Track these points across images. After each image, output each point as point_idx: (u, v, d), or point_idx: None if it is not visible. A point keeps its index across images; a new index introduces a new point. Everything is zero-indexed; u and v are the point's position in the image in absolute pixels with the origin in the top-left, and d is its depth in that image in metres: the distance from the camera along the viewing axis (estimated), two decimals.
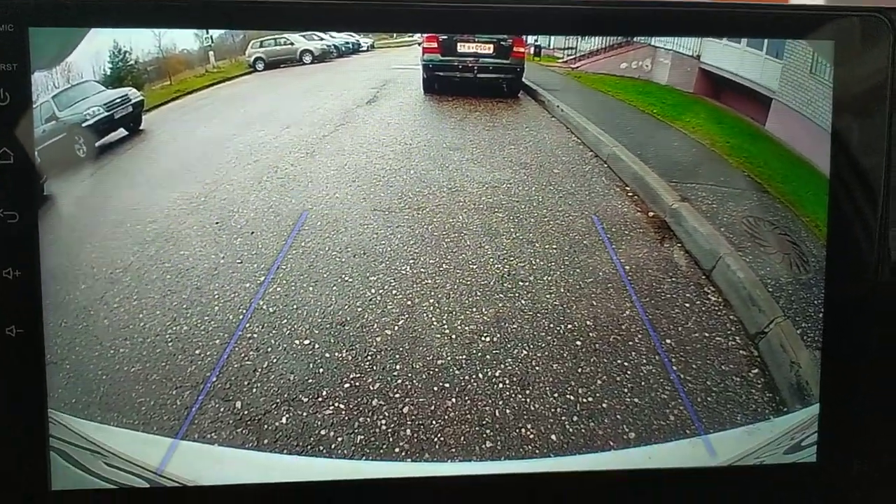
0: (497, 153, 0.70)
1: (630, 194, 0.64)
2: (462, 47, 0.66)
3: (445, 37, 0.63)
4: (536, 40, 0.63)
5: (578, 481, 0.47)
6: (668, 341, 0.53)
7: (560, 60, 0.64)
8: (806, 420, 0.47)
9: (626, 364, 0.54)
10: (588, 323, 0.57)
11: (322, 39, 0.64)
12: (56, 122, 0.44)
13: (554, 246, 0.64)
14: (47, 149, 0.43)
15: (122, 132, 0.52)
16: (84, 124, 0.47)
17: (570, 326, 0.57)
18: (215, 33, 0.51)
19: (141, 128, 0.53)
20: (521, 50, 0.65)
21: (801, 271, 0.49)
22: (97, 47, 0.43)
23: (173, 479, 0.43)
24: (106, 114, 0.49)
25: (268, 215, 0.64)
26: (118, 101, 0.50)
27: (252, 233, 0.63)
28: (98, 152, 0.49)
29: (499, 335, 0.58)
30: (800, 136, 0.49)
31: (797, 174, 0.49)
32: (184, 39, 0.48)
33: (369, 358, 0.56)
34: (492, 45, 0.65)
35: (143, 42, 0.45)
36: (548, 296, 0.59)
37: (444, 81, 0.69)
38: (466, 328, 0.58)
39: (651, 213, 0.60)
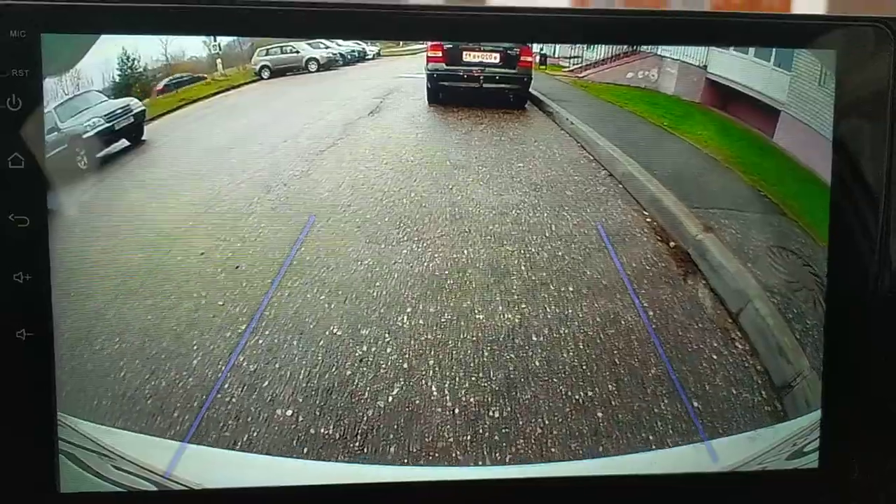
0: (505, 171, 0.66)
1: (648, 220, 0.61)
2: (468, 56, 0.65)
3: (450, 45, 0.63)
4: (542, 49, 0.62)
5: (580, 487, 0.48)
6: (695, 404, 0.51)
7: (566, 69, 0.63)
8: (807, 426, 0.49)
9: (651, 438, 0.51)
10: (610, 387, 0.53)
11: (328, 47, 0.64)
12: (58, 133, 0.45)
13: (570, 288, 0.60)
14: (49, 160, 0.44)
15: (124, 143, 0.53)
16: (85, 136, 0.48)
17: (590, 393, 0.53)
18: (223, 41, 0.52)
19: (143, 138, 0.54)
20: (529, 59, 0.63)
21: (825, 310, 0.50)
22: (107, 54, 0.45)
23: (181, 483, 0.45)
24: (106, 125, 0.50)
25: (254, 246, 0.58)
26: (119, 111, 0.50)
27: (237, 267, 0.58)
28: (100, 164, 0.50)
29: (509, 408, 0.53)
30: (809, 151, 0.50)
31: (810, 192, 0.50)
32: (192, 47, 0.50)
33: (359, 437, 0.51)
34: (498, 55, 0.64)
35: (151, 49, 0.47)
36: (565, 354, 0.55)
37: (449, 91, 0.67)
38: (472, 399, 0.53)
39: (672, 244, 0.58)
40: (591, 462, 0.49)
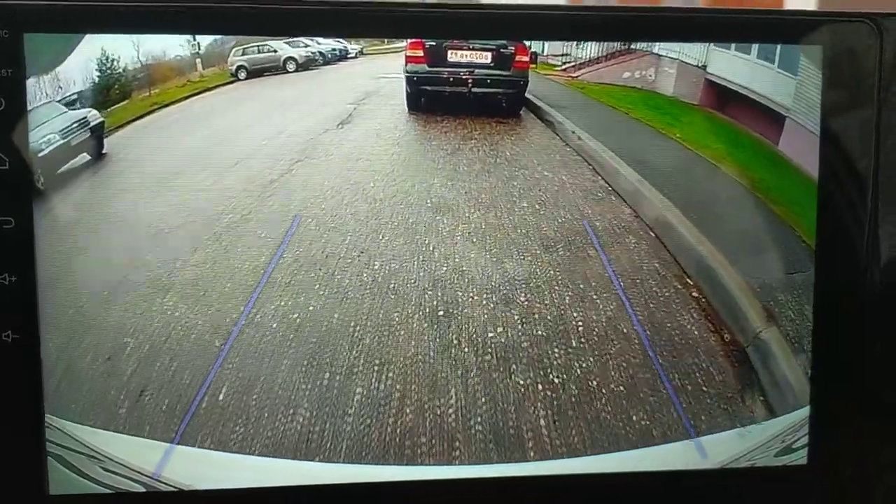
0: (504, 217, 0.58)
1: (695, 294, 0.54)
2: (453, 56, 0.61)
3: (433, 43, 0.60)
4: (530, 46, 0.62)
5: (570, 484, 0.52)
6: None
7: (558, 68, 0.62)
8: (796, 423, 0.53)
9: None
10: None
11: (307, 46, 0.66)
12: None
13: (610, 442, 0.49)
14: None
15: (85, 157, 0.53)
16: (40, 154, 0.49)
17: None
18: (204, 41, 0.55)
19: (104, 151, 0.54)
20: (525, 59, 0.61)
21: None
22: (87, 55, 0.49)
23: (170, 484, 0.49)
24: (61, 142, 0.51)
25: (163, 356, 0.50)
26: (75, 126, 0.52)
27: (141, 392, 0.49)
28: (59, 183, 0.50)
29: None
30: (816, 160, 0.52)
31: None
32: (172, 47, 0.53)
33: None
34: (490, 54, 0.62)
35: (130, 51, 0.50)
36: None
37: (432, 97, 0.64)
38: None
39: (727, 337, 0.52)
40: (580, 460, 0.52)
